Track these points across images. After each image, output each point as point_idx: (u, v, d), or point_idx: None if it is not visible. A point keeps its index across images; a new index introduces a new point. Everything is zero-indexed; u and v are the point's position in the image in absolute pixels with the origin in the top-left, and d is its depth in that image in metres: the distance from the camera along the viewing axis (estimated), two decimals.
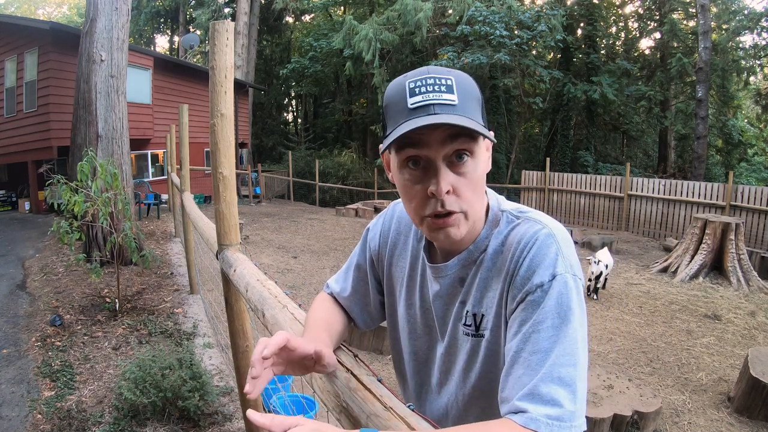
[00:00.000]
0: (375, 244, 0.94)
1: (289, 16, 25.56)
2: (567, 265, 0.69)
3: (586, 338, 0.68)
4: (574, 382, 0.63)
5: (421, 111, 0.68)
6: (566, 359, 0.63)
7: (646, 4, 19.02)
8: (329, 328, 0.86)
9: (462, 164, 0.70)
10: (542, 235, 0.71)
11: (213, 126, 1.58)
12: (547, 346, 0.64)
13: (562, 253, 0.69)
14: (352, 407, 0.74)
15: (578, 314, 0.67)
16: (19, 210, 10.57)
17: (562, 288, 0.67)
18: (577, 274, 0.70)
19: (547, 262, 0.68)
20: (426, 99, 0.68)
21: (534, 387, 0.62)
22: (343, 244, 8.37)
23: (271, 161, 22.01)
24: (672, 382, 3.76)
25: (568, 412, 0.61)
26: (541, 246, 0.70)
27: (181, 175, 4.70)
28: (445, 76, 0.69)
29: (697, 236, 6.73)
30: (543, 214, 0.77)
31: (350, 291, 0.96)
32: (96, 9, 6.10)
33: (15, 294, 4.85)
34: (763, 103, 17.18)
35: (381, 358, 3.97)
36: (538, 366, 0.63)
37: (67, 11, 31.28)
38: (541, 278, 0.67)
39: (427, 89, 0.68)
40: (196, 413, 2.66)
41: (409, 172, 0.72)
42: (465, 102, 0.69)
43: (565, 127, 17.80)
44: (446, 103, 0.68)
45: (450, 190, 0.70)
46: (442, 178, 0.69)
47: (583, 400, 0.63)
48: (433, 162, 0.70)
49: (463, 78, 0.71)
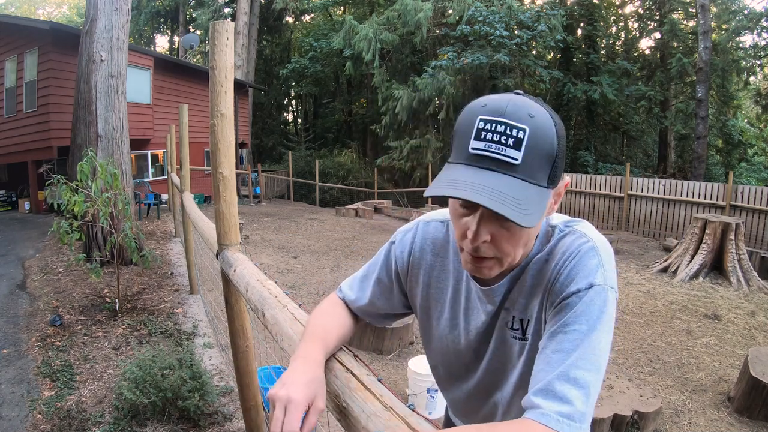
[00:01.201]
0: (403, 263, 0.94)
1: (289, 16, 25.56)
2: (606, 277, 0.71)
3: (609, 351, 0.70)
4: (589, 386, 0.64)
5: (477, 161, 0.67)
6: (585, 363, 0.65)
7: (646, 4, 19.02)
8: (326, 336, 0.86)
9: (507, 225, 0.68)
10: (586, 247, 0.73)
11: (213, 126, 1.58)
12: (569, 347, 0.67)
13: (603, 266, 0.71)
14: (352, 407, 0.74)
15: (607, 325, 0.69)
16: (19, 210, 10.57)
17: (596, 297, 0.69)
18: (614, 287, 0.72)
19: (586, 271, 0.71)
20: (487, 148, 0.66)
21: (549, 383, 0.64)
22: (343, 244, 8.37)
23: (271, 161, 22.02)
24: (672, 382, 3.76)
25: (578, 413, 0.62)
26: (584, 257, 0.72)
27: (181, 175, 4.70)
28: (519, 126, 0.65)
29: (697, 236, 6.73)
30: (590, 226, 0.79)
31: (366, 302, 0.96)
32: (96, 9, 6.10)
33: (15, 294, 4.85)
34: (763, 103, 17.17)
35: (381, 358, 3.97)
36: (556, 364, 0.66)
37: (67, 11, 31.29)
38: (578, 286, 0.70)
39: (493, 136, 0.66)
40: (196, 413, 2.66)
41: (459, 206, 0.72)
42: (529, 161, 0.66)
43: (565, 127, 17.74)
44: (506, 161, 0.65)
45: (487, 239, 0.70)
46: (481, 228, 0.69)
47: (593, 405, 0.65)
48: (478, 209, 0.69)
49: (542, 126, 0.67)
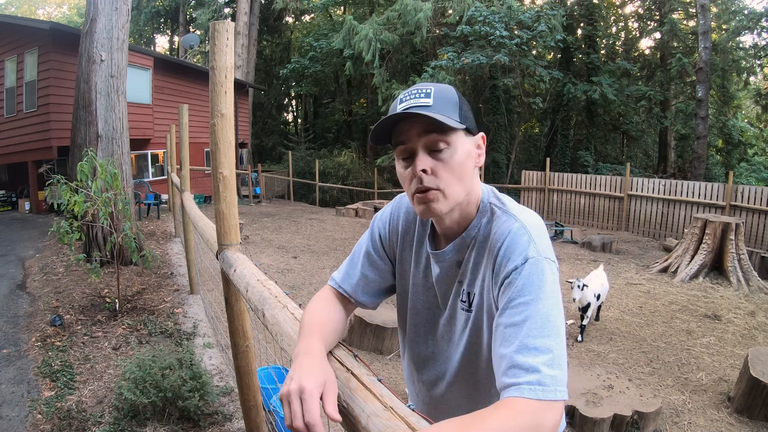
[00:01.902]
0: (384, 232, 1.06)
1: (289, 16, 25.56)
2: (538, 250, 0.79)
3: (562, 316, 0.75)
4: (551, 350, 0.69)
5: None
6: (540, 331, 0.71)
7: (646, 4, 19.02)
8: (323, 330, 0.89)
9: (439, 152, 0.84)
10: (515, 227, 0.83)
11: (213, 126, 1.58)
12: (519, 320, 0.73)
13: (533, 240, 0.81)
14: (352, 407, 0.74)
15: (550, 291, 0.75)
16: (19, 210, 10.57)
17: (532, 269, 0.77)
18: (549, 257, 0.80)
19: (519, 249, 0.80)
20: (408, 104, 0.84)
21: (511, 359, 0.70)
22: (343, 244, 8.37)
23: (271, 161, 22.01)
24: (672, 382, 3.76)
25: (548, 377, 0.67)
26: (515, 237, 0.82)
27: (181, 175, 4.70)
28: (426, 87, 0.86)
29: (697, 236, 6.73)
30: (520, 207, 0.90)
31: (358, 277, 1.04)
32: (96, 9, 6.09)
33: (15, 294, 4.85)
34: (763, 103, 17.16)
35: (381, 358, 3.97)
36: (512, 338, 0.72)
37: (67, 11, 31.28)
38: (515, 263, 0.78)
39: (410, 97, 0.85)
40: (196, 413, 2.66)
41: (402, 162, 0.88)
42: (440, 104, 0.84)
43: (565, 127, 17.80)
44: (422, 105, 0.83)
45: (427, 170, 0.84)
46: (419, 160, 0.84)
47: (562, 367, 0.69)
48: (415, 150, 0.85)
49: (443, 87, 0.87)
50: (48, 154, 9.51)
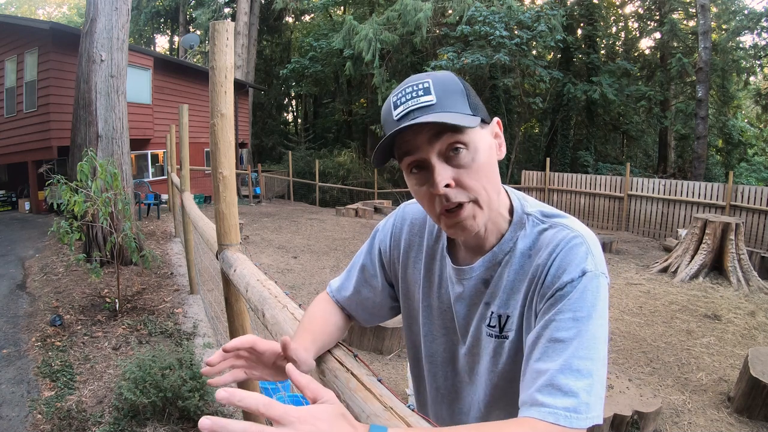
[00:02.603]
0: (385, 246, 0.94)
1: (289, 16, 25.56)
2: (596, 264, 0.70)
3: (607, 337, 0.69)
4: (592, 375, 0.63)
5: (404, 119, 0.70)
6: (586, 352, 0.64)
7: (646, 4, 19.03)
8: (313, 329, 0.87)
9: (458, 156, 0.71)
10: (573, 238, 0.72)
11: (213, 126, 1.58)
12: (567, 336, 0.65)
13: (591, 252, 0.71)
14: (352, 407, 0.74)
15: (603, 311, 0.68)
16: (19, 210, 10.57)
17: (589, 284, 0.68)
18: (605, 273, 0.71)
19: (577, 261, 0.70)
20: (406, 107, 0.71)
21: (552, 378, 0.63)
22: (343, 244, 8.37)
23: (271, 161, 22.01)
24: (672, 382, 3.76)
25: (583, 404, 0.61)
26: (572, 247, 0.71)
27: (181, 175, 4.70)
28: (422, 81, 0.72)
29: (697, 236, 6.73)
30: (572, 218, 0.78)
31: (352, 291, 0.96)
32: (96, 9, 6.10)
33: (15, 294, 4.85)
34: (763, 103, 17.17)
35: (381, 358, 3.97)
36: (555, 355, 0.64)
37: (67, 11, 31.29)
38: (571, 275, 0.69)
39: (406, 98, 0.71)
40: (196, 413, 2.66)
41: (414, 177, 0.74)
42: (444, 98, 0.70)
43: (565, 127, 17.79)
44: (424, 105, 0.70)
45: (451, 183, 0.71)
46: (438, 174, 0.70)
47: (600, 394, 0.64)
48: (428, 162, 0.71)
49: (441, 76, 0.73)
50: (48, 154, 9.51)
